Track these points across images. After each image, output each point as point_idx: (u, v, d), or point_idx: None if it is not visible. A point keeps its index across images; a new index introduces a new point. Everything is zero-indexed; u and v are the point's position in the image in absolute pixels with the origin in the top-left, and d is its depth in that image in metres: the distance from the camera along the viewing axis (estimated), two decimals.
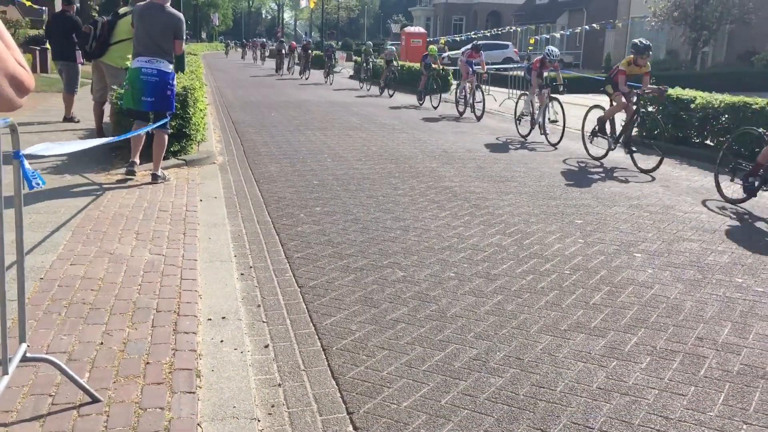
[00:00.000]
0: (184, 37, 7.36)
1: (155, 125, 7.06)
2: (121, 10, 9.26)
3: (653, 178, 8.76)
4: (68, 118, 11.37)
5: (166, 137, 7.35)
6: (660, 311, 4.24)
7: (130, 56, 9.07)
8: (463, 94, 15.84)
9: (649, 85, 9.85)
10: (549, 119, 11.82)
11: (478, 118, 15.03)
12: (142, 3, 7.27)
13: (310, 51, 30.71)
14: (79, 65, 11.11)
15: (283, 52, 34.03)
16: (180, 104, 8.20)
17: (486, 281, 4.72)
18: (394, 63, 21.51)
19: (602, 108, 10.49)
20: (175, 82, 7.29)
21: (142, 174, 7.43)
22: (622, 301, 4.40)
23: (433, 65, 18.62)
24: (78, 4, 11.71)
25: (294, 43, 38.73)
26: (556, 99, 11.77)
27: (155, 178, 7.20)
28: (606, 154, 9.93)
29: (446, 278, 4.77)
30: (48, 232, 5.22)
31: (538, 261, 5.19)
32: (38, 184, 2.65)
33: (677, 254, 5.45)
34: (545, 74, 12.20)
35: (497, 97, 20.25)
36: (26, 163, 2.66)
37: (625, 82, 9.54)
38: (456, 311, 4.18)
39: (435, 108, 17.42)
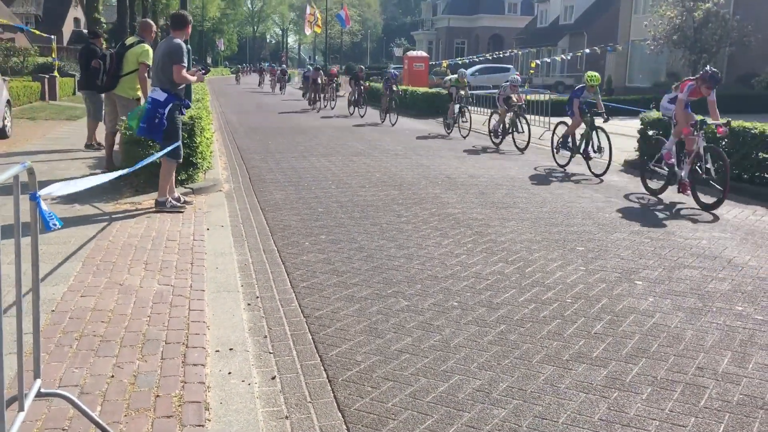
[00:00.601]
0: (184, 63, 7.23)
1: (159, 154, 7.13)
2: (128, 41, 9.42)
3: (660, 201, 8.84)
4: (89, 145, 11.60)
5: (173, 165, 7.44)
6: (661, 340, 4.30)
7: (138, 86, 9.26)
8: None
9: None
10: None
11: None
12: None
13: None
14: (95, 94, 11.32)
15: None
16: (187, 133, 8.35)
17: (489, 310, 4.79)
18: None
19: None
20: (165, 111, 7.15)
21: (149, 202, 7.55)
22: (623, 330, 4.47)
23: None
24: (100, 36, 11.92)
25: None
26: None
27: (158, 204, 7.31)
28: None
29: (450, 307, 4.84)
30: (59, 263, 5.32)
31: (540, 289, 5.26)
32: (55, 225, 2.74)
33: (678, 282, 5.51)
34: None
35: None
36: (43, 204, 2.76)
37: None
38: (459, 341, 4.25)
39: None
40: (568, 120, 11.95)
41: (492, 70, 44.24)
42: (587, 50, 33.18)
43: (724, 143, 10.25)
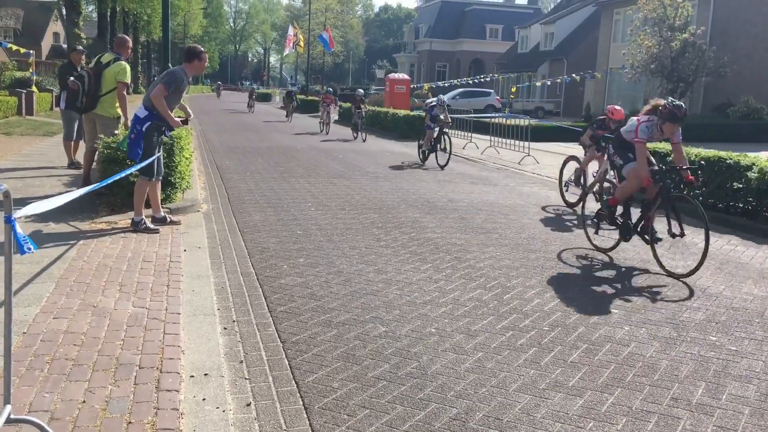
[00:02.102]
0: (165, 84, 7.12)
1: (129, 170, 6.94)
2: (104, 59, 9.27)
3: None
4: (71, 164, 11.43)
5: (145, 184, 7.31)
6: (636, 370, 4.33)
7: (118, 105, 9.21)
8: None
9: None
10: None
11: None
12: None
13: (363, 106, 23.33)
14: (71, 112, 11.19)
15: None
16: (166, 153, 8.30)
17: (467, 337, 4.79)
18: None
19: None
20: (142, 128, 7.11)
21: (126, 222, 7.48)
22: (599, 359, 4.49)
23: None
24: (80, 52, 11.77)
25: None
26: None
27: (133, 224, 7.27)
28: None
29: (427, 334, 4.83)
30: (32, 284, 5.24)
31: (518, 317, 5.27)
32: (29, 249, 2.71)
33: (653, 311, 5.56)
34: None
35: (479, 144, 20.58)
36: (18, 227, 2.72)
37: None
38: (437, 368, 4.24)
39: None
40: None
41: (472, 94, 44.66)
42: (567, 78, 33.59)
43: (699, 173, 10.42)
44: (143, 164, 7.12)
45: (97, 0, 39.95)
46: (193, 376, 3.86)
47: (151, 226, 7.35)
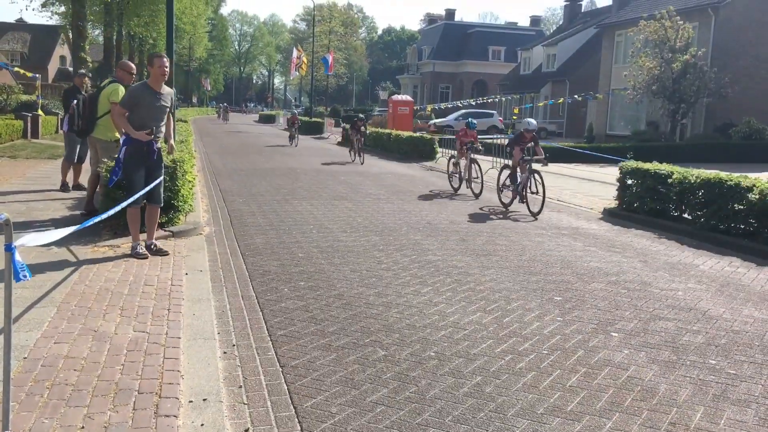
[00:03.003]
0: (120, 104, 7.09)
1: (125, 203, 6.79)
2: (104, 83, 9.37)
3: (638, 252, 8.94)
4: (63, 185, 11.53)
5: (130, 212, 7.15)
6: (635, 394, 4.33)
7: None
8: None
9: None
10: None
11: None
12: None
13: (363, 130, 22.52)
14: (73, 134, 11.28)
15: (363, 129, 22.76)
16: (168, 176, 8.36)
17: (466, 361, 4.80)
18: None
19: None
20: (120, 155, 7.07)
21: (128, 245, 7.52)
22: (598, 383, 4.49)
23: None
24: (82, 75, 11.88)
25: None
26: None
27: (132, 249, 7.26)
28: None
29: (427, 358, 4.84)
30: (33, 308, 5.27)
31: (517, 340, 5.28)
32: (25, 277, 2.75)
33: (653, 334, 5.56)
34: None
35: (482, 165, 20.61)
36: (17, 255, 2.76)
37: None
38: (435, 393, 4.24)
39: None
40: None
41: (475, 116, 44.84)
42: (569, 99, 33.75)
43: (700, 194, 10.46)
44: (141, 194, 7.01)
45: (104, 24, 40.35)
46: (191, 401, 3.88)
47: (141, 251, 7.22)
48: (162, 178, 7.56)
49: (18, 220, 8.53)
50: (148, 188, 7.17)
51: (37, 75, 25.26)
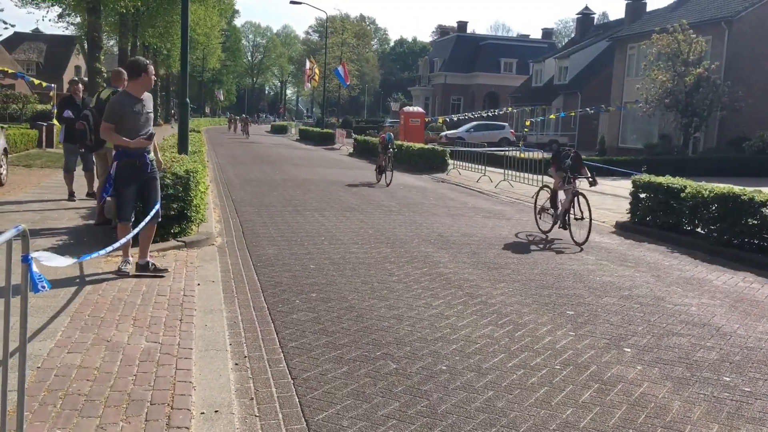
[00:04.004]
0: (106, 120, 6.72)
1: (140, 226, 6.69)
2: (103, 94, 9.22)
3: (649, 266, 8.89)
4: (71, 195, 11.62)
5: (121, 229, 6.83)
6: (648, 411, 4.29)
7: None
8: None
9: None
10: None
11: None
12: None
13: (390, 149, 19.32)
14: (69, 144, 11.31)
15: (390, 147, 19.38)
16: (182, 187, 8.42)
17: (477, 375, 4.78)
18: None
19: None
20: (110, 171, 6.81)
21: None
22: (611, 399, 4.46)
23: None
24: (76, 83, 11.87)
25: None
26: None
27: (138, 267, 6.96)
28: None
29: (438, 371, 4.83)
30: (47, 318, 5.30)
31: (529, 354, 5.26)
32: (44, 288, 2.77)
33: (666, 350, 5.52)
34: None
35: (493, 177, 20.64)
36: (34, 266, 2.79)
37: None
38: (447, 407, 4.23)
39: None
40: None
41: (487, 127, 44.91)
42: (581, 110, 33.71)
43: (713, 208, 10.40)
44: (151, 214, 6.83)
45: (119, 34, 40.75)
46: (203, 413, 3.88)
47: (124, 268, 6.87)
48: (159, 194, 7.23)
49: (33, 228, 8.59)
50: (154, 211, 6.94)
51: (53, 85, 25.49)
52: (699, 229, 11.15)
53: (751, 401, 4.53)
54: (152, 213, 6.92)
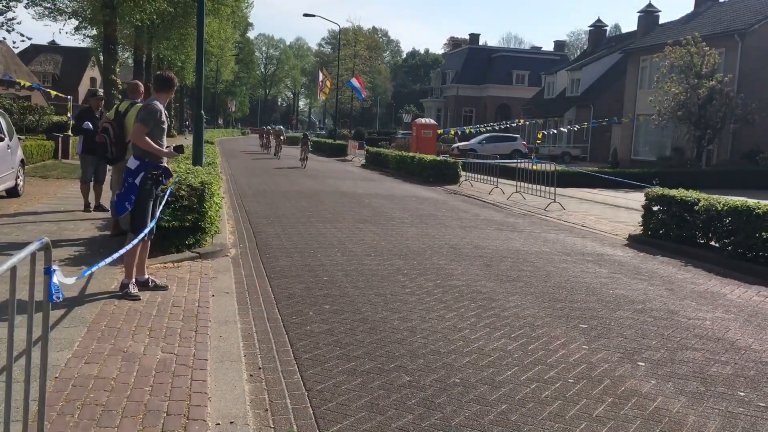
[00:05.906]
0: (142, 121, 6.55)
1: (137, 239, 6.36)
2: (121, 107, 9.24)
3: (663, 279, 8.87)
4: (87, 206, 11.71)
5: (136, 245, 6.47)
6: (663, 426, 4.28)
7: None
8: None
9: None
10: None
11: None
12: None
13: None
14: (87, 156, 11.43)
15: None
16: (197, 198, 8.50)
17: (491, 388, 4.79)
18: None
19: None
20: (134, 180, 6.51)
21: (157, 266, 7.61)
22: (625, 413, 4.45)
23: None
24: (96, 95, 12.01)
25: None
26: None
27: (121, 287, 6.58)
28: None
29: (451, 384, 4.84)
30: (64, 329, 5.36)
31: (543, 368, 5.26)
32: (59, 298, 2.84)
33: (680, 364, 5.51)
34: None
35: (505, 189, 20.64)
36: (54, 278, 2.84)
37: None
38: (460, 420, 4.24)
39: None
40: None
41: (499, 139, 44.91)
42: (594, 122, 33.67)
43: (727, 221, 10.36)
44: (146, 231, 6.56)
45: (134, 47, 41.18)
46: (219, 424, 3.92)
47: (133, 291, 6.50)
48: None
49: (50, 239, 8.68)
50: (154, 221, 6.84)
51: (69, 96, 25.78)
52: (713, 243, 11.11)
53: (766, 416, 4.51)
54: (151, 226, 6.75)
